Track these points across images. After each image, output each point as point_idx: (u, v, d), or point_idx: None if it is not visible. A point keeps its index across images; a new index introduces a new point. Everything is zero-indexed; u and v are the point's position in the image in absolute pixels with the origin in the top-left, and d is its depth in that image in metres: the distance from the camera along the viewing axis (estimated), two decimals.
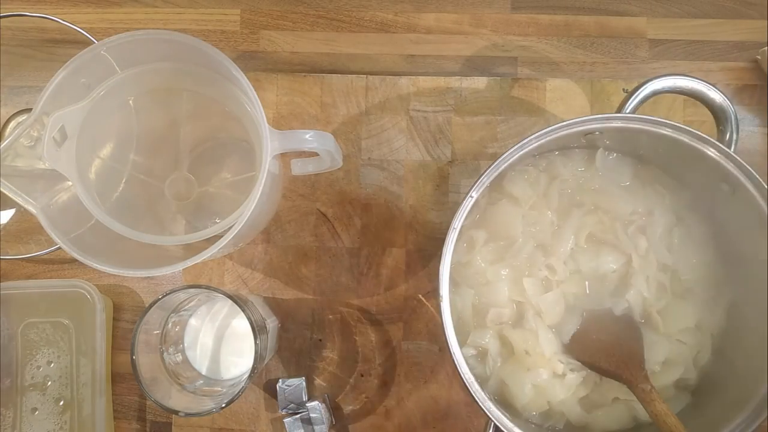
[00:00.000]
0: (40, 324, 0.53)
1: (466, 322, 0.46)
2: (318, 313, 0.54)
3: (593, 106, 0.55)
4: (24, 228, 0.56)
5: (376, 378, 0.53)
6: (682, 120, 0.55)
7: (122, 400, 0.55)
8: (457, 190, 0.55)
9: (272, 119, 0.56)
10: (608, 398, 0.45)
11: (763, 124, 0.56)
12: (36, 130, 0.41)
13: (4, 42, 0.56)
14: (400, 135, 0.55)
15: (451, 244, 0.41)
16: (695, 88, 0.44)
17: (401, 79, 0.55)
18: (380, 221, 0.55)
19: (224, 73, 0.43)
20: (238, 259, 0.55)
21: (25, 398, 0.53)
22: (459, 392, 0.53)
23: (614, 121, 0.43)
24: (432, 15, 0.58)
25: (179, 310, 0.50)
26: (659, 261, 0.46)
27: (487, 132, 0.55)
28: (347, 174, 0.55)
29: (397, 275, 0.54)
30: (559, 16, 0.58)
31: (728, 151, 0.42)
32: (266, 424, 0.53)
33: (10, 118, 0.57)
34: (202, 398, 0.48)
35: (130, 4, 0.59)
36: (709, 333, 0.46)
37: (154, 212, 0.52)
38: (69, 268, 0.56)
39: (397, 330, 0.54)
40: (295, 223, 0.55)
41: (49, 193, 0.42)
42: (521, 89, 0.55)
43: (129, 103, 0.48)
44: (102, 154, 0.47)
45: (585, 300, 0.46)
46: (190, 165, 0.53)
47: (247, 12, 0.59)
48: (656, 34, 0.58)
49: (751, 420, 0.40)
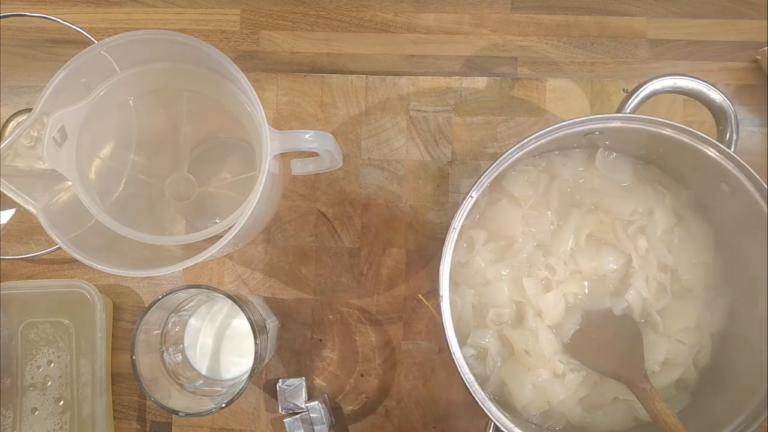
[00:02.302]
0: (40, 324, 0.53)
1: (466, 322, 0.46)
2: (318, 313, 0.54)
3: (593, 106, 0.55)
4: (24, 228, 0.56)
5: (376, 378, 0.53)
6: (682, 120, 0.55)
7: (122, 400, 0.55)
8: (457, 190, 0.55)
9: (272, 119, 0.56)
10: (608, 398, 0.45)
11: (763, 124, 0.56)
12: (36, 130, 0.41)
13: (4, 42, 0.56)
14: (400, 135, 0.55)
15: (451, 244, 0.41)
16: (695, 88, 0.44)
17: (401, 79, 0.55)
18: (380, 221, 0.55)
19: (224, 73, 0.43)
20: (238, 259, 0.55)
21: (25, 398, 0.53)
22: (459, 392, 0.53)
23: (614, 121, 0.43)
24: (432, 15, 0.58)
25: (179, 310, 0.50)
26: (659, 261, 0.46)
27: (487, 132, 0.55)
28: (347, 174, 0.55)
29: (397, 275, 0.54)
30: (559, 16, 0.58)
31: (728, 151, 0.42)
32: (266, 424, 0.53)
33: (10, 118, 0.57)
34: (202, 398, 0.48)
35: (130, 4, 0.59)
36: (708, 333, 0.46)
37: (154, 212, 0.52)
38: (69, 268, 0.56)
39: (397, 330, 0.54)
40: (295, 223, 0.55)
41: (49, 193, 0.42)
42: (521, 89, 0.55)
43: (129, 103, 0.47)
44: (102, 154, 0.47)
45: (585, 300, 0.46)
46: (190, 165, 0.53)
47: (247, 12, 0.59)
48: (656, 34, 0.58)
49: (751, 420, 0.40)
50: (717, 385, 0.45)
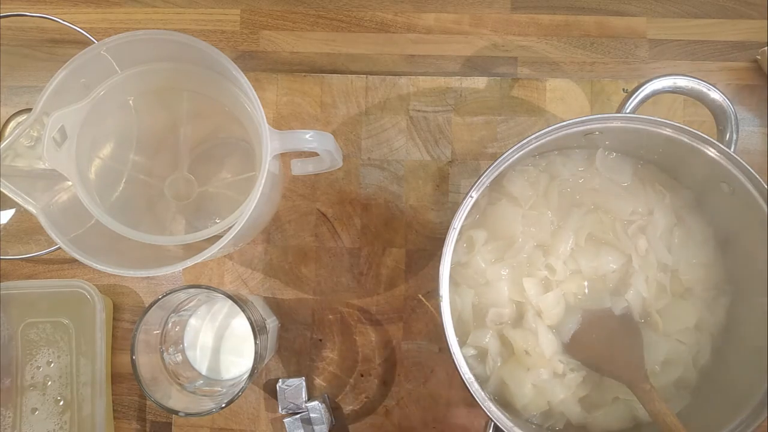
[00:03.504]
0: (40, 324, 0.53)
1: (466, 322, 0.46)
2: (318, 313, 0.54)
3: (593, 106, 0.55)
4: (24, 228, 0.56)
5: (376, 378, 0.53)
6: (682, 120, 0.55)
7: (122, 400, 0.55)
8: (457, 190, 0.55)
9: (272, 119, 0.56)
10: (608, 398, 0.45)
11: (763, 124, 0.56)
12: (36, 130, 0.41)
13: (4, 42, 0.56)
14: (400, 135, 0.55)
15: (451, 244, 0.41)
16: (695, 88, 0.44)
17: (401, 79, 0.55)
18: (380, 221, 0.55)
19: (224, 73, 0.43)
20: (238, 259, 0.55)
21: (25, 398, 0.53)
22: (459, 392, 0.53)
23: (614, 121, 0.43)
24: (432, 15, 0.58)
25: (179, 310, 0.50)
26: (659, 261, 0.46)
27: (487, 132, 0.55)
28: (347, 174, 0.55)
29: (397, 275, 0.54)
30: (559, 16, 0.58)
31: (728, 151, 0.42)
32: (266, 424, 0.53)
33: (10, 118, 0.57)
34: (202, 398, 0.48)
35: (130, 4, 0.59)
36: (708, 333, 0.46)
37: (154, 212, 0.52)
38: (69, 268, 0.56)
39: (396, 330, 0.54)
40: (295, 223, 0.55)
41: (49, 193, 0.42)
42: (521, 89, 0.55)
43: (129, 103, 0.48)
44: (102, 154, 0.47)
45: (585, 300, 0.46)
46: (190, 165, 0.53)
47: (247, 12, 0.59)
48: (656, 34, 0.58)
49: (751, 420, 0.40)
50: (717, 385, 0.45)
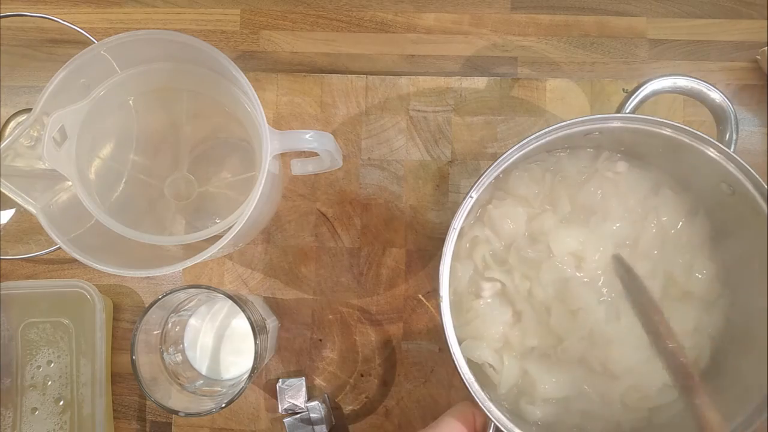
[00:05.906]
0: (40, 324, 0.53)
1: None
2: (318, 313, 0.54)
3: (593, 106, 0.55)
4: (24, 228, 0.56)
5: (376, 378, 0.53)
6: (682, 120, 0.55)
7: (122, 400, 0.55)
8: (457, 190, 0.55)
9: (272, 119, 0.56)
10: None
11: (763, 124, 0.56)
12: (36, 130, 0.41)
13: (4, 42, 0.56)
14: (400, 135, 0.55)
15: (451, 244, 0.41)
16: (695, 88, 0.44)
17: (401, 79, 0.55)
18: (380, 221, 0.55)
19: (224, 73, 0.43)
20: (238, 259, 0.55)
21: (25, 398, 0.53)
22: (459, 392, 0.53)
23: (614, 121, 0.42)
24: (432, 15, 0.58)
25: (179, 310, 0.50)
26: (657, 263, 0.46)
27: (487, 132, 0.55)
28: (347, 174, 0.55)
29: (397, 275, 0.54)
30: (559, 16, 0.58)
31: (728, 151, 0.42)
32: (266, 424, 0.53)
33: (10, 118, 0.57)
34: (202, 398, 0.48)
35: (130, 4, 0.59)
36: (708, 335, 0.46)
37: (154, 212, 0.52)
38: (69, 268, 0.56)
39: (396, 330, 0.54)
40: (295, 223, 0.55)
41: (49, 193, 0.42)
42: (521, 89, 0.55)
43: (129, 103, 0.48)
44: (102, 154, 0.47)
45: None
46: (190, 165, 0.53)
47: (247, 12, 0.59)
48: (656, 34, 0.58)
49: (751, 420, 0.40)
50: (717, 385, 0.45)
